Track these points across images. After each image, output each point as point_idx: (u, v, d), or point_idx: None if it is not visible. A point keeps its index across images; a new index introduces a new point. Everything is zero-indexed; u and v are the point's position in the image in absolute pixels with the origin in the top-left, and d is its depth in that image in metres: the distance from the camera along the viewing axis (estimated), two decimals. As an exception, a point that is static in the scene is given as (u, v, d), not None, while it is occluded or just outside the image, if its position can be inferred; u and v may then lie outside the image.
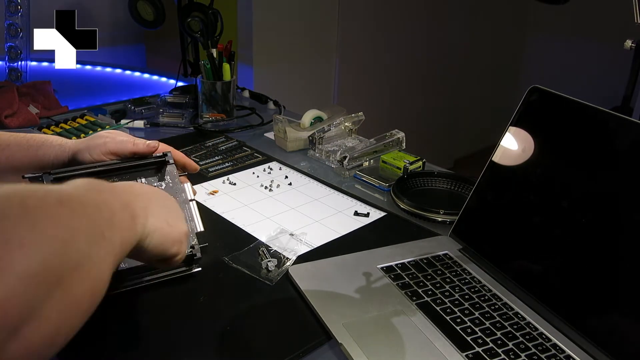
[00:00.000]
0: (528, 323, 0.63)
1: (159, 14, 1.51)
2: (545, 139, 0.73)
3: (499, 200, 0.77)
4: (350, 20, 2.28)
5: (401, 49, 2.58)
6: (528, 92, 0.75)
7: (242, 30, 1.99)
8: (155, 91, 1.51)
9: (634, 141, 0.62)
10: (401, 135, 1.10)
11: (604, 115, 0.66)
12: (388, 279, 0.70)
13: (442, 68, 2.82)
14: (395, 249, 0.77)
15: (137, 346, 0.60)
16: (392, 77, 2.60)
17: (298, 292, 0.68)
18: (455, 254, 0.76)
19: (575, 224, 0.65)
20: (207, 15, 1.29)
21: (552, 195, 0.69)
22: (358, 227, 0.86)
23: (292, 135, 1.13)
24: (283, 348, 0.60)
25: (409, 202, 0.89)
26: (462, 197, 0.91)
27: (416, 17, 2.58)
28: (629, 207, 0.61)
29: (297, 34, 2.13)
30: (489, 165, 0.78)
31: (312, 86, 2.28)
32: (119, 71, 1.81)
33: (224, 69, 1.26)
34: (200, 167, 1.04)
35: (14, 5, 1.44)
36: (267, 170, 1.05)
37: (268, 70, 2.05)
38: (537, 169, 0.72)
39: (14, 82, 1.44)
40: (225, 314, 0.64)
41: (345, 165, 1.04)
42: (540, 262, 0.68)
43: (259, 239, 0.80)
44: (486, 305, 0.66)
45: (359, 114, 1.18)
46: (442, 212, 0.86)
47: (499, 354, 0.58)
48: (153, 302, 0.67)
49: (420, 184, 0.99)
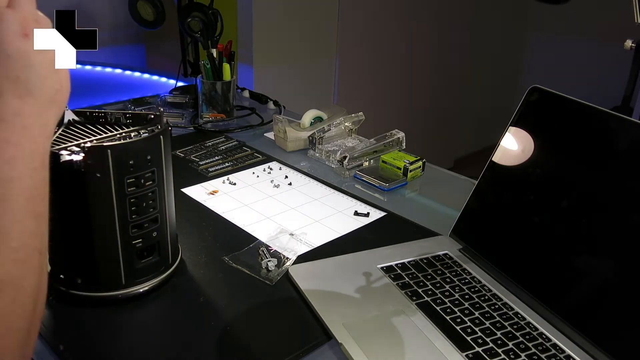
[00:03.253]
0: (528, 323, 0.63)
1: (159, 14, 1.51)
2: (545, 139, 0.73)
3: (499, 200, 0.77)
4: (350, 20, 2.28)
5: (401, 49, 2.57)
6: (528, 92, 0.75)
7: (242, 30, 1.99)
8: (155, 91, 1.51)
9: (634, 141, 0.62)
10: (401, 135, 1.11)
11: (604, 115, 0.66)
12: (388, 279, 0.70)
13: (442, 68, 2.82)
14: (395, 249, 0.77)
15: (136, 346, 0.60)
16: (392, 77, 2.60)
17: (298, 292, 0.68)
18: (455, 254, 0.76)
19: (575, 223, 0.65)
20: (207, 15, 1.29)
21: (552, 195, 0.69)
22: (358, 227, 0.86)
23: (292, 135, 1.14)
24: (283, 348, 0.60)
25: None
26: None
27: (416, 17, 2.58)
28: (629, 207, 0.61)
29: (297, 34, 2.13)
30: (489, 165, 0.78)
31: (312, 86, 2.28)
32: (119, 71, 1.81)
33: (224, 69, 1.26)
34: (200, 167, 1.04)
35: (14, 5, 1.44)
36: (267, 170, 1.05)
37: (268, 70, 2.05)
38: (537, 169, 0.72)
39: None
40: (226, 314, 0.64)
41: (345, 165, 1.04)
42: (540, 262, 0.68)
43: (259, 239, 0.80)
44: (486, 305, 0.66)
45: (359, 114, 1.18)
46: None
47: (499, 354, 0.58)
48: (153, 302, 0.67)
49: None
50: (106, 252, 0.63)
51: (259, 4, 1.94)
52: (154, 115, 0.67)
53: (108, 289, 0.65)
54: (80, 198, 0.59)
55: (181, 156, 1.09)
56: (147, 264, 0.66)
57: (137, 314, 0.65)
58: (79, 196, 0.59)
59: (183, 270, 0.72)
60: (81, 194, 0.59)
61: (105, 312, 0.64)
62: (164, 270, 0.69)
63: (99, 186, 0.59)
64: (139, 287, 0.66)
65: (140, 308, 0.66)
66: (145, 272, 0.67)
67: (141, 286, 0.66)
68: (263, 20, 1.97)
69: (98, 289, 0.64)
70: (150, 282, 0.67)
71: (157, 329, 0.64)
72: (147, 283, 0.67)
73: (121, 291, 0.65)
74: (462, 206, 0.80)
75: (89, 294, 0.64)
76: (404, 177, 1.01)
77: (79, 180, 0.58)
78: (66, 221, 0.61)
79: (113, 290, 0.65)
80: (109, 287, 0.65)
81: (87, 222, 0.60)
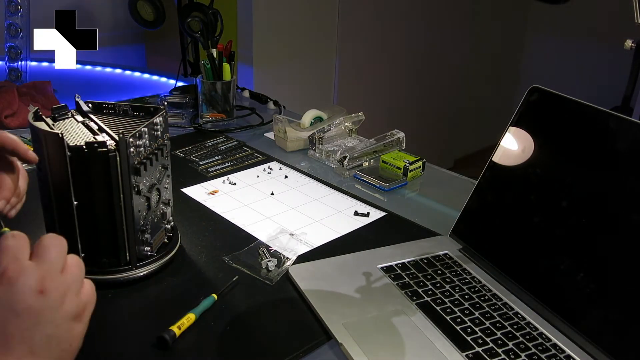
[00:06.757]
0: (528, 323, 0.63)
1: (159, 14, 1.52)
2: (545, 139, 0.73)
3: (499, 200, 0.77)
4: (350, 20, 2.28)
5: (401, 49, 2.58)
6: (528, 92, 0.75)
7: (242, 30, 1.99)
8: (155, 91, 1.51)
9: (634, 141, 0.62)
10: (401, 135, 1.11)
11: (604, 115, 0.66)
12: (388, 279, 0.70)
13: (442, 68, 2.82)
14: (395, 249, 0.77)
15: (137, 347, 0.60)
16: (392, 77, 2.60)
17: (298, 292, 0.68)
18: (455, 254, 0.76)
19: (575, 223, 0.65)
20: (207, 15, 1.29)
21: (552, 195, 0.69)
22: (358, 227, 0.86)
23: (292, 135, 1.14)
24: (283, 348, 0.60)
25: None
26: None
27: (416, 17, 2.58)
28: (629, 207, 0.61)
29: (297, 34, 2.13)
30: (489, 165, 0.78)
31: (312, 86, 2.28)
32: (119, 71, 1.81)
33: (224, 69, 1.26)
34: (200, 167, 1.04)
35: (14, 5, 1.44)
36: (267, 170, 1.05)
37: (268, 70, 2.05)
38: (537, 169, 0.72)
39: (14, 82, 1.44)
40: (226, 314, 0.64)
41: (345, 165, 1.04)
42: (540, 262, 0.68)
43: (259, 239, 0.80)
44: (486, 305, 0.66)
45: (359, 114, 1.18)
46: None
47: (499, 354, 0.58)
48: (153, 302, 0.67)
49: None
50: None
51: (259, 4, 1.94)
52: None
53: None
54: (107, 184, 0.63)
55: (181, 156, 1.09)
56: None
57: (135, 314, 0.65)
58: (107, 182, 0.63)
59: (183, 270, 0.73)
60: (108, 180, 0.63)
61: (102, 313, 0.64)
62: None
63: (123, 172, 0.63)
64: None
65: (140, 307, 0.66)
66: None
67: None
68: (263, 20, 1.97)
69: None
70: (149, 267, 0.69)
71: (157, 329, 0.64)
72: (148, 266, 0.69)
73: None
74: (462, 206, 0.80)
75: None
76: (404, 177, 1.01)
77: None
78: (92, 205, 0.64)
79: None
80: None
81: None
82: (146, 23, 1.54)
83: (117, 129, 0.67)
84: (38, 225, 0.68)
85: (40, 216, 0.68)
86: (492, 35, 3.05)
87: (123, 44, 2.20)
